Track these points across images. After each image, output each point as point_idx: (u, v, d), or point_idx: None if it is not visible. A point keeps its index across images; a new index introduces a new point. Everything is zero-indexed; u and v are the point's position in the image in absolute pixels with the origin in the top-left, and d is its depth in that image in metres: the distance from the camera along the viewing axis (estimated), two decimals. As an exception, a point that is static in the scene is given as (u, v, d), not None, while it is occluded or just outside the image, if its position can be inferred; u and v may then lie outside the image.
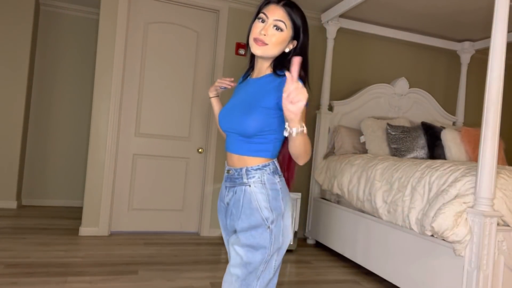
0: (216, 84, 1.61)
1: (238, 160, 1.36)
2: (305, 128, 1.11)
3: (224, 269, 2.88)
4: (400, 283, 2.70)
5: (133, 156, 3.92)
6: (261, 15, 1.32)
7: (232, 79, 1.59)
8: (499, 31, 2.16)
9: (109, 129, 3.76)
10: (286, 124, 1.11)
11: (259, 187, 1.32)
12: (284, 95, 1.02)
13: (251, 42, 1.33)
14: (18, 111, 4.52)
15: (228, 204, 1.40)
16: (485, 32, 4.29)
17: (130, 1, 3.85)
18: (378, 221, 2.97)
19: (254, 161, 1.33)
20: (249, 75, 1.47)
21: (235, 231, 1.36)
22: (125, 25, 3.79)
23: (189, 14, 4.05)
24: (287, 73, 1.03)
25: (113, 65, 3.76)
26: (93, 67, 4.92)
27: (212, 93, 1.64)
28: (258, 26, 1.32)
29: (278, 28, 1.30)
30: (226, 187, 1.41)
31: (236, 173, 1.36)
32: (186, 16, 4.04)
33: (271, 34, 1.30)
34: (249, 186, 1.32)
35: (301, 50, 1.36)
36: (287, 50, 1.35)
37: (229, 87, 1.59)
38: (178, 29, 4.03)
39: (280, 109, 1.28)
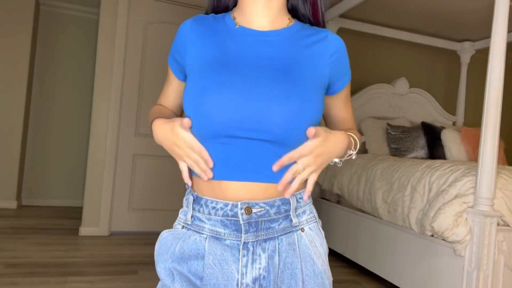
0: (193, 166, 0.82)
1: (268, 189, 0.77)
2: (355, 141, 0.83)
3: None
4: (400, 283, 2.70)
5: (133, 156, 3.91)
6: None
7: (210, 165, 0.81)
8: (499, 31, 2.16)
9: (109, 129, 3.76)
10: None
11: (315, 228, 0.81)
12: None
13: None
14: (18, 111, 4.52)
15: (258, 279, 0.77)
16: (485, 32, 4.29)
17: (130, 1, 3.85)
18: (378, 221, 2.97)
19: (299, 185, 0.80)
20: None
21: None
22: (125, 25, 3.79)
23: (189, 14, 4.05)
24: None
25: (113, 65, 3.76)
26: (93, 67, 4.92)
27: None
28: None
29: None
30: (244, 244, 0.76)
31: (272, 211, 0.76)
32: (186, 16, 4.04)
33: None
34: (302, 229, 0.79)
35: None
36: None
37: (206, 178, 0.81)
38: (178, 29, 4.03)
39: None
